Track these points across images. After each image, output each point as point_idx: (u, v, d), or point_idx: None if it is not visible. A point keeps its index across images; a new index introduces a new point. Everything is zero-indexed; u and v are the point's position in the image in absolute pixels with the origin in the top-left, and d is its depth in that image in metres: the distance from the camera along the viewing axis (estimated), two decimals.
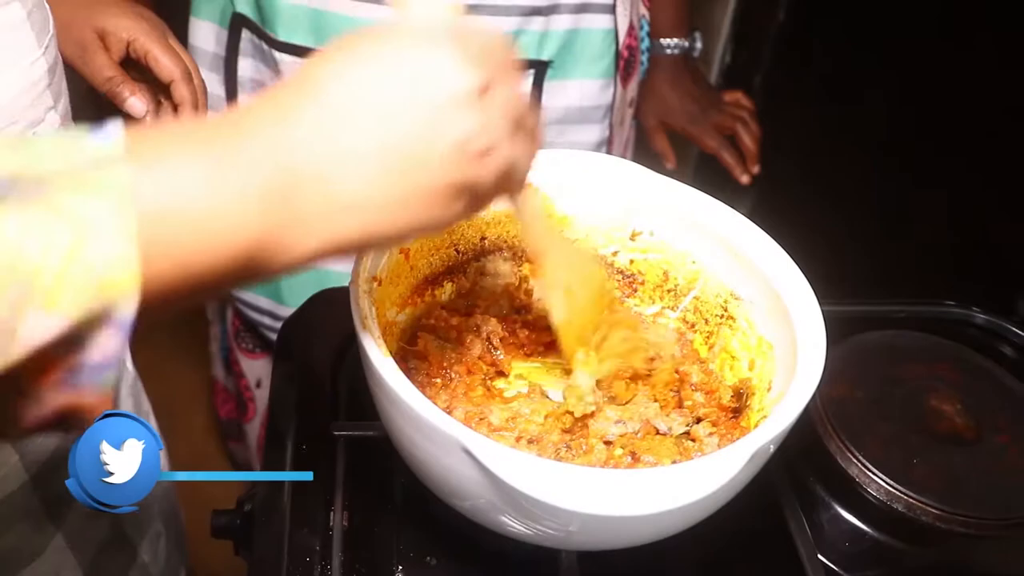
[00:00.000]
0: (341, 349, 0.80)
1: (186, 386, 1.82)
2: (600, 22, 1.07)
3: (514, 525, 0.58)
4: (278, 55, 1.02)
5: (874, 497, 0.75)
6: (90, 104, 0.87)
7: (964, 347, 0.88)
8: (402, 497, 0.72)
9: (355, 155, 0.43)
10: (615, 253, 0.78)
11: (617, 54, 1.10)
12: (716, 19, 1.55)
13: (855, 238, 1.27)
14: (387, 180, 0.43)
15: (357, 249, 0.47)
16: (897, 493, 0.74)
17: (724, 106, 1.28)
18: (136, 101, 0.85)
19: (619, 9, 1.08)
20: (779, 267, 0.68)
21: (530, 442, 0.66)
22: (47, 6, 0.64)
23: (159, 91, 0.90)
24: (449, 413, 0.58)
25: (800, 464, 0.77)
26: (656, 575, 0.68)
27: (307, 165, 0.42)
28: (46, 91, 0.63)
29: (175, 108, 0.89)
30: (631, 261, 0.77)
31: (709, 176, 1.59)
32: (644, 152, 1.31)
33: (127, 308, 0.35)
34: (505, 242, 0.77)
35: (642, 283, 0.78)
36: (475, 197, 0.47)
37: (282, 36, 1.01)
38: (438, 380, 0.70)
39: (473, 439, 0.53)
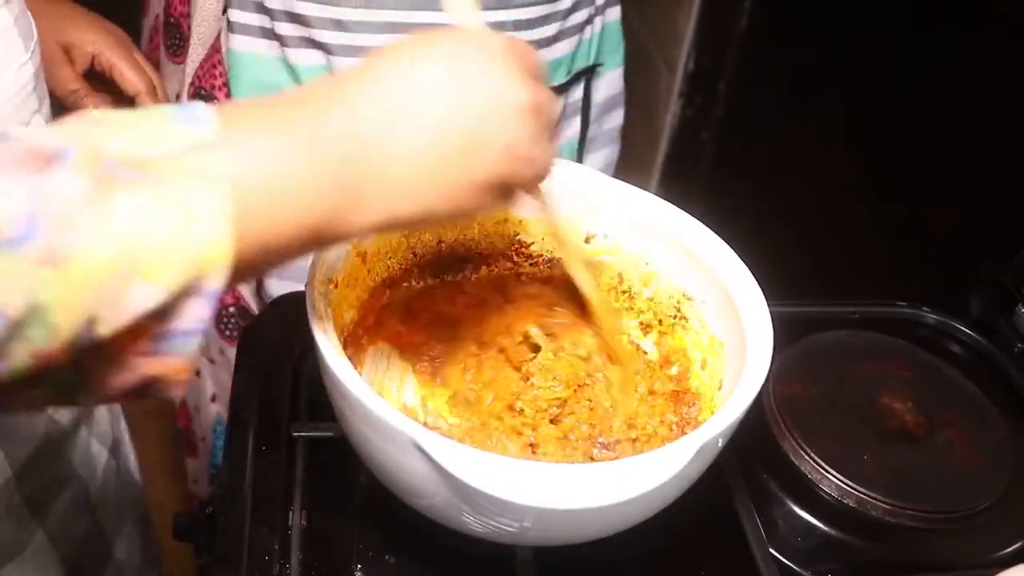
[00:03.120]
0: (302, 352, 0.81)
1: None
2: (615, 13, 1.13)
3: (470, 522, 0.59)
4: None
5: (826, 493, 0.77)
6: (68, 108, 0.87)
7: (915, 346, 0.91)
8: (361, 497, 0.72)
9: (417, 144, 0.47)
10: None
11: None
12: (679, 26, 1.57)
13: (810, 240, 1.29)
14: (442, 170, 0.49)
15: (407, 226, 0.55)
16: (848, 489, 0.76)
17: None
18: None
19: None
20: (728, 267, 0.69)
21: None
22: (29, 14, 0.65)
23: (124, 104, 0.90)
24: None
25: (754, 461, 0.79)
26: (611, 570, 0.69)
27: (374, 149, 0.46)
28: (32, 95, 0.64)
29: None
30: (586, 264, 0.79)
31: (672, 179, 1.61)
32: None
33: (218, 280, 0.39)
34: (462, 245, 0.78)
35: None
36: (508, 193, 0.54)
37: None
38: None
39: (425, 436, 0.54)
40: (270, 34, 0.95)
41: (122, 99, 0.90)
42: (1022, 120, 1.03)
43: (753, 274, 0.69)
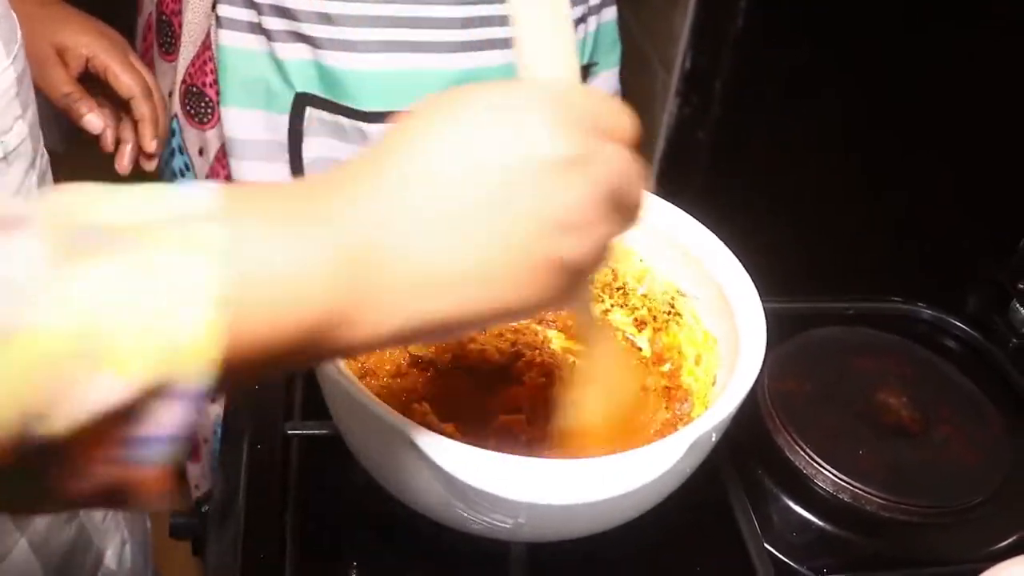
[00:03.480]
0: None
1: None
2: (610, 14, 1.13)
3: (464, 518, 0.59)
4: (364, 126, 0.96)
5: (821, 488, 0.77)
6: (59, 115, 0.87)
7: (910, 342, 0.91)
8: (356, 494, 0.72)
9: (436, 226, 0.39)
10: None
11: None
12: (675, 25, 1.57)
13: (807, 237, 1.29)
14: (468, 253, 0.39)
15: (438, 332, 0.42)
16: (843, 484, 0.76)
17: None
18: (93, 118, 0.86)
19: None
20: (722, 263, 0.70)
21: None
22: (14, 16, 0.64)
23: (119, 108, 0.90)
24: None
25: (749, 457, 0.79)
26: (606, 566, 0.69)
27: (387, 238, 0.38)
28: (14, 100, 0.63)
29: (135, 125, 0.90)
30: None
31: (669, 177, 1.61)
32: None
33: (199, 379, 0.32)
34: None
35: (591, 282, 0.79)
36: (570, 276, 0.42)
37: (365, 105, 0.95)
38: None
39: (420, 434, 0.54)
40: (258, 29, 0.95)
41: (117, 102, 0.90)
42: (1018, 118, 1.03)
43: (749, 270, 0.69)
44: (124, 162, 0.94)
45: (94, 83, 0.88)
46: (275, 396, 0.77)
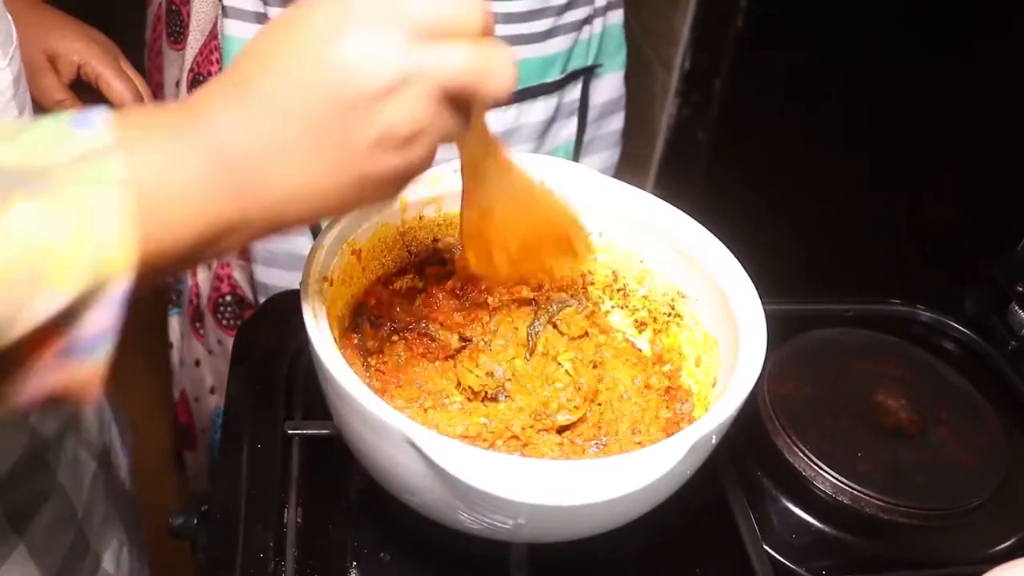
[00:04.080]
0: (298, 351, 0.81)
1: (148, 393, 1.82)
2: (617, 17, 1.13)
3: (464, 519, 0.59)
4: None
5: (820, 490, 0.77)
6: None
7: (909, 344, 0.91)
8: (356, 494, 0.73)
9: (282, 149, 0.45)
10: None
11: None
12: (675, 24, 1.57)
13: (807, 239, 1.29)
14: (316, 172, 0.46)
15: (303, 225, 0.50)
16: (842, 486, 0.76)
17: None
18: None
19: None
20: (722, 264, 0.69)
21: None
22: (9, 17, 0.64)
23: None
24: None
25: (748, 459, 0.79)
26: (606, 567, 0.70)
27: (244, 157, 0.45)
28: (11, 102, 0.63)
29: None
30: None
31: (669, 177, 1.61)
32: None
33: (121, 284, 0.39)
34: (457, 243, 0.78)
35: (592, 283, 0.79)
36: (408, 176, 0.49)
37: None
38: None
39: (418, 432, 0.54)
40: (263, 19, 0.96)
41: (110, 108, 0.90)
42: (1017, 119, 1.03)
43: (748, 272, 0.69)
44: None
45: (86, 90, 0.88)
46: (275, 396, 0.77)
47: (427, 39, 0.45)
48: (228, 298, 1.16)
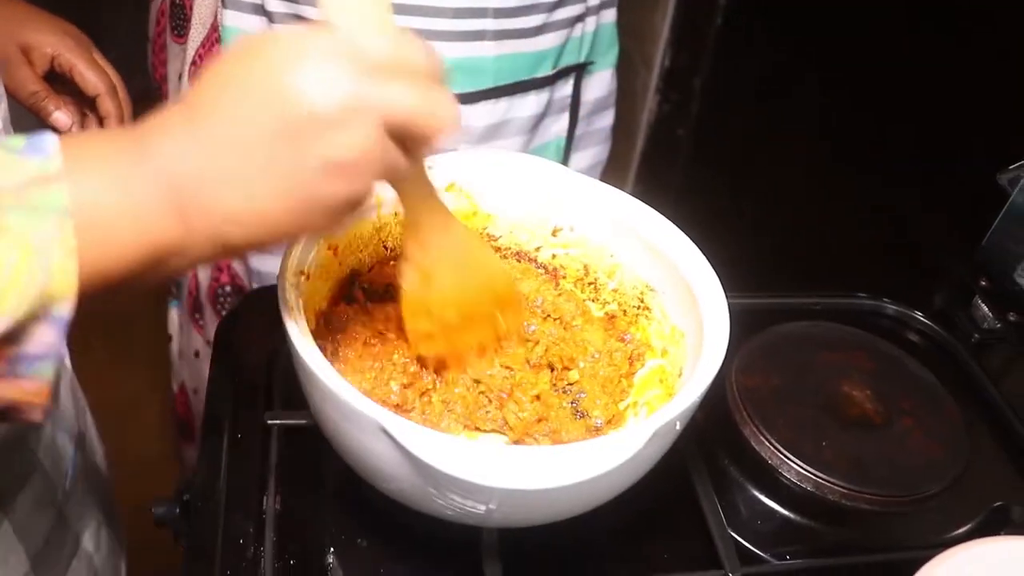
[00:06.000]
0: (277, 344, 0.82)
1: (144, 385, 1.84)
2: (610, 15, 1.15)
3: (437, 504, 0.61)
4: None
5: (785, 478, 0.79)
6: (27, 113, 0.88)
7: (875, 337, 0.93)
8: (333, 482, 0.74)
9: (228, 173, 0.46)
10: (538, 249, 0.81)
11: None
12: (655, 22, 1.59)
13: (781, 234, 1.31)
14: (261, 196, 0.47)
15: (248, 251, 0.51)
16: (807, 474, 0.78)
17: None
18: (61, 115, 0.87)
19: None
20: (688, 258, 0.72)
21: None
22: None
23: (85, 105, 0.91)
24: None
25: (716, 448, 0.81)
26: (575, 552, 0.72)
27: (188, 181, 0.46)
28: None
29: (100, 121, 0.91)
30: (553, 256, 0.81)
31: (649, 174, 1.63)
32: None
33: (64, 308, 0.41)
34: None
35: (564, 277, 0.81)
36: (351, 205, 0.50)
37: None
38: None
39: (391, 420, 0.56)
40: (260, 10, 0.98)
41: (84, 100, 0.91)
42: (984, 119, 1.05)
43: (722, 265, 0.71)
44: None
45: (60, 82, 0.90)
46: (256, 388, 0.79)
47: (377, 75, 0.47)
48: (227, 288, 1.17)
